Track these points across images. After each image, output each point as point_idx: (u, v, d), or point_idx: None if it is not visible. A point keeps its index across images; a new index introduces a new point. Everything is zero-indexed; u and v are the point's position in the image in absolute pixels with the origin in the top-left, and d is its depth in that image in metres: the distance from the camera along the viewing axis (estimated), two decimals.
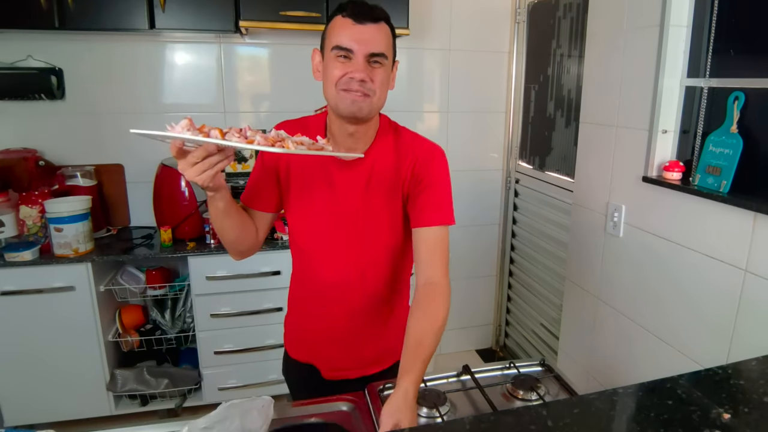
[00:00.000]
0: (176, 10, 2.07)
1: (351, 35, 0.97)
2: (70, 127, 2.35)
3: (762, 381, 0.91)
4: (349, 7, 0.98)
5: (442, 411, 1.00)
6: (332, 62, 0.99)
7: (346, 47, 0.97)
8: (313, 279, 1.18)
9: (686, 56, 1.61)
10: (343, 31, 0.97)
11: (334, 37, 0.98)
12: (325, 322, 1.20)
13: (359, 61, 0.97)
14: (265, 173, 1.15)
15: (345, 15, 0.98)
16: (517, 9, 2.66)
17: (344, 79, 0.98)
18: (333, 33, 0.99)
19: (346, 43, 0.97)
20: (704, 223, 1.47)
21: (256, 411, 0.87)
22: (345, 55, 0.98)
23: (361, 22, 0.97)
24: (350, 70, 0.97)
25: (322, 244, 1.13)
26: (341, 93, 0.99)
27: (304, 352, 1.28)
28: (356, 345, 1.21)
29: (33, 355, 2.09)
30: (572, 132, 2.27)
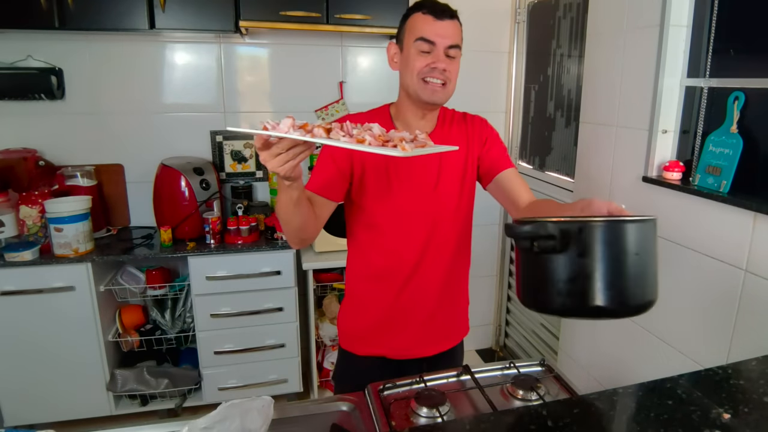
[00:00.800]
0: (176, 10, 2.07)
1: (433, 29, 1.10)
2: (70, 127, 2.35)
3: (762, 381, 0.91)
4: (428, 5, 1.11)
5: (442, 411, 1.00)
6: (416, 54, 1.12)
7: (430, 39, 1.10)
8: (393, 258, 1.24)
9: (686, 56, 1.61)
10: (425, 25, 1.10)
11: (417, 31, 1.11)
12: (402, 302, 1.26)
13: (440, 52, 1.11)
14: (339, 162, 1.18)
15: (425, 12, 1.11)
16: (517, 9, 2.66)
17: (426, 69, 1.11)
18: (415, 27, 1.12)
19: (429, 35, 1.10)
20: (704, 223, 1.47)
21: (256, 411, 0.87)
22: (427, 49, 1.11)
23: (441, 18, 1.10)
24: (432, 61, 1.11)
25: (403, 222, 1.21)
26: (421, 83, 1.13)
27: (375, 343, 1.30)
28: (428, 322, 1.29)
29: (33, 356, 2.09)
30: (572, 132, 2.27)
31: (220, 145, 2.51)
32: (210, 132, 2.50)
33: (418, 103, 1.17)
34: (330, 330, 2.43)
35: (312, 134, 0.84)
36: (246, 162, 2.56)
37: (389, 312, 1.28)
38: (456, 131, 1.26)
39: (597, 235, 0.69)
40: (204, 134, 2.49)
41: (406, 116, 1.21)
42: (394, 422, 0.98)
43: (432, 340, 1.32)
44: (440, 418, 0.98)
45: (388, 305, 1.27)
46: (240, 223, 2.22)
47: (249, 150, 2.56)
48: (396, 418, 0.99)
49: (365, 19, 2.19)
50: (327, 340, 2.45)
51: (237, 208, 2.33)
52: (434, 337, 1.32)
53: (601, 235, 0.69)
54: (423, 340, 1.31)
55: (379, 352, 1.31)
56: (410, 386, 1.11)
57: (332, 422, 1.00)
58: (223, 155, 2.53)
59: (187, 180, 2.21)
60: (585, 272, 0.70)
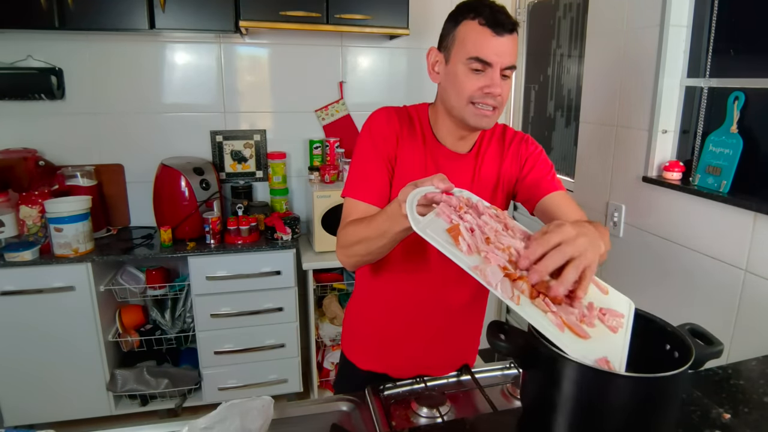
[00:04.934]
0: (176, 10, 2.07)
1: (491, 48, 0.92)
2: (70, 127, 2.35)
3: (762, 381, 0.91)
4: (487, 13, 0.92)
5: (442, 411, 1.00)
6: (466, 74, 0.95)
7: (487, 61, 0.92)
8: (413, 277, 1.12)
9: (686, 56, 1.61)
10: (483, 42, 0.92)
11: (471, 47, 0.93)
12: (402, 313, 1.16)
13: (496, 74, 0.94)
14: (385, 172, 1.05)
15: (483, 24, 0.92)
16: (517, 9, 2.66)
17: (479, 93, 0.95)
18: (468, 41, 0.93)
19: (486, 55, 0.92)
20: (704, 223, 1.47)
21: (256, 411, 0.87)
22: (481, 68, 0.94)
23: (501, 34, 0.92)
24: (486, 85, 0.94)
25: None
26: (470, 106, 0.97)
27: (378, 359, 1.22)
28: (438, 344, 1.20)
29: (33, 355, 2.09)
30: (572, 132, 2.27)
31: (220, 145, 2.51)
32: (210, 132, 2.50)
33: (460, 124, 1.02)
34: (330, 330, 2.43)
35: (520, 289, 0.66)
36: (246, 162, 2.56)
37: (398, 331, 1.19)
38: (492, 151, 1.11)
39: None
40: (204, 134, 2.49)
41: (443, 134, 1.06)
42: (394, 422, 0.98)
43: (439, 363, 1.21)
44: (440, 418, 0.98)
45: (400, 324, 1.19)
46: (240, 223, 2.22)
47: (249, 150, 2.56)
48: (396, 418, 0.99)
49: (365, 19, 2.19)
50: (327, 340, 2.45)
51: (237, 208, 2.33)
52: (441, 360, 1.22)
53: None
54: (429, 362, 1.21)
55: (382, 369, 1.23)
56: (410, 386, 1.11)
57: (332, 422, 1.00)
58: (223, 155, 2.53)
59: (187, 180, 2.21)
60: None
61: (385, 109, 1.07)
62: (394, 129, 1.04)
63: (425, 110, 1.10)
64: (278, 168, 2.49)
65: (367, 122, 1.07)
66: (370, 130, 1.05)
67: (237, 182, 2.55)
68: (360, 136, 1.07)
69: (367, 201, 1.02)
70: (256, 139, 2.55)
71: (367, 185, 1.03)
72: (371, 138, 1.04)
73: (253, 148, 2.56)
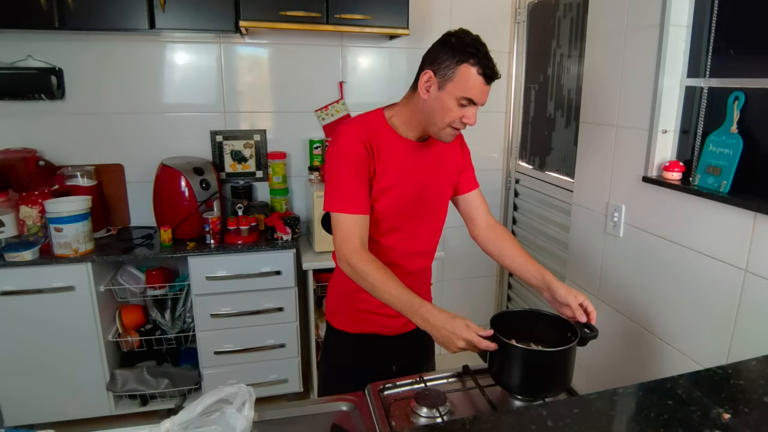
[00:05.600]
0: (176, 10, 2.07)
1: (481, 92, 1.16)
2: (70, 127, 2.35)
3: (762, 381, 0.91)
4: (484, 65, 1.14)
5: (442, 411, 1.00)
6: (454, 106, 1.16)
7: (475, 102, 1.16)
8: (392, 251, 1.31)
9: (686, 56, 1.61)
10: (477, 87, 1.14)
11: (467, 89, 1.14)
12: None
13: (475, 111, 1.18)
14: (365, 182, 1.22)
15: (480, 73, 1.13)
16: (517, 9, 2.66)
17: (458, 121, 1.18)
18: (466, 84, 1.14)
19: (476, 98, 1.16)
20: (704, 223, 1.47)
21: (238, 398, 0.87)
22: (467, 104, 1.16)
23: (489, 83, 1.16)
24: (466, 116, 1.17)
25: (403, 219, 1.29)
26: (448, 129, 1.19)
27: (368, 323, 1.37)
28: None
29: (33, 355, 2.09)
30: (572, 132, 2.27)
31: (220, 145, 2.51)
32: (210, 132, 2.50)
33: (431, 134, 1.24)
34: None
35: None
36: (246, 162, 2.56)
37: None
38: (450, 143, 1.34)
39: None
40: (204, 134, 2.49)
41: (414, 130, 1.26)
42: (394, 422, 0.98)
43: None
44: (440, 418, 0.98)
45: None
46: (240, 223, 2.22)
47: (249, 150, 2.56)
48: (396, 418, 0.99)
49: (365, 19, 2.19)
50: None
51: (237, 208, 2.33)
52: None
53: None
54: None
55: (373, 330, 1.38)
56: (410, 386, 1.11)
57: (332, 422, 1.00)
58: (223, 155, 2.53)
59: (187, 180, 2.21)
60: None
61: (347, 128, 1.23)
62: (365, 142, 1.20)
63: (381, 115, 1.28)
64: (278, 168, 2.49)
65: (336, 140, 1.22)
66: (343, 149, 1.20)
67: (237, 182, 2.55)
68: (332, 153, 1.22)
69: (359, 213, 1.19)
70: (256, 139, 2.55)
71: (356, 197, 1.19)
72: (345, 154, 1.19)
73: (253, 148, 2.56)
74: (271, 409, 1.04)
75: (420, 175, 1.28)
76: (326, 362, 1.48)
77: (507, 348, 1.01)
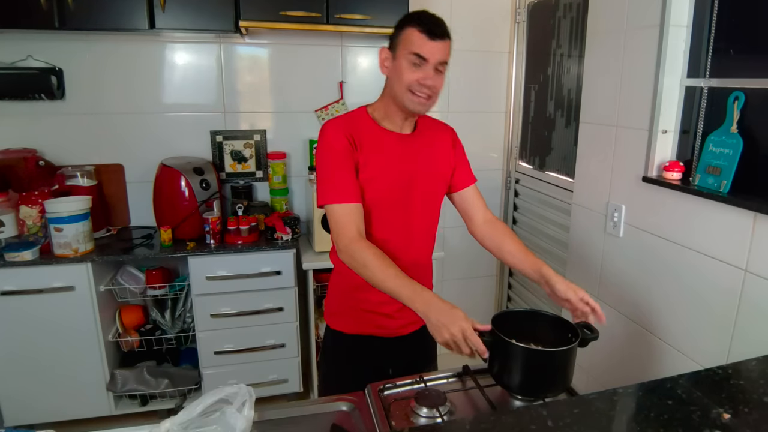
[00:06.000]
0: (176, 10, 2.07)
1: (427, 48, 1.17)
2: (70, 127, 2.35)
3: (762, 381, 0.91)
4: (424, 23, 1.18)
5: (442, 411, 1.00)
6: (407, 67, 1.19)
7: (423, 56, 1.18)
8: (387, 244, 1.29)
9: (686, 56, 1.61)
10: (421, 43, 1.17)
11: (412, 46, 1.18)
12: None
13: (430, 69, 1.19)
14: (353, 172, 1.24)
15: (422, 31, 1.17)
16: (517, 9, 2.66)
17: (416, 83, 1.19)
18: (410, 42, 1.18)
19: (423, 53, 1.18)
20: (704, 223, 1.47)
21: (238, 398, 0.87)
22: (419, 63, 1.18)
23: (434, 39, 1.18)
24: (422, 77, 1.19)
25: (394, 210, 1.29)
26: (409, 94, 1.21)
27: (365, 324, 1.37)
28: None
29: (33, 355, 2.09)
30: (572, 132, 2.27)
31: (220, 145, 2.51)
32: (210, 132, 2.50)
33: (402, 109, 1.25)
34: None
35: None
36: (246, 162, 2.56)
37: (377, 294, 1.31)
38: (438, 135, 1.38)
39: None
40: (204, 134, 2.49)
41: (393, 118, 1.29)
42: (394, 422, 0.98)
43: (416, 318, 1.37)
44: (440, 418, 0.98)
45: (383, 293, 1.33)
46: (240, 223, 2.22)
47: (249, 150, 2.56)
48: (396, 418, 0.99)
49: (365, 19, 2.19)
50: None
51: (237, 208, 2.33)
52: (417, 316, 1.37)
53: None
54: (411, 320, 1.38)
55: (369, 331, 1.37)
56: (410, 386, 1.11)
57: (332, 422, 1.00)
58: (223, 155, 2.53)
59: (187, 180, 2.21)
60: None
61: (330, 124, 1.26)
62: (347, 135, 1.23)
63: (364, 110, 1.32)
64: (278, 168, 2.49)
65: (321, 137, 1.25)
66: (328, 143, 1.24)
67: (237, 182, 2.55)
68: (318, 150, 1.26)
69: (351, 201, 1.21)
70: (256, 139, 2.55)
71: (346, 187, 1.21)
72: (333, 148, 1.22)
73: (253, 148, 2.56)
74: (271, 409, 1.04)
75: (406, 166, 1.29)
76: (325, 363, 1.49)
77: (508, 347, 1.02)
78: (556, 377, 1.03)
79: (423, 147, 1.33)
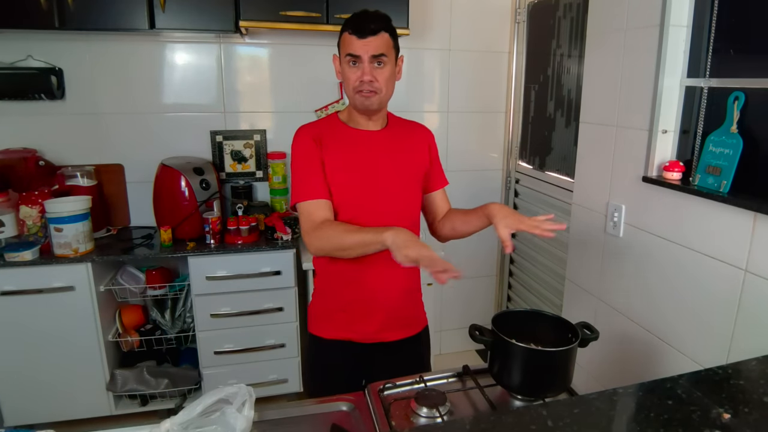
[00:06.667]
0: (176, 10, 2.06)
1: (357, 46, 1.22)
2: (70, 127, 2.35)
3: (762, 381, 0.91)
4: (352, 24, 1.23)
5: (442, 411, 1.00)
6: (347, 68, 1.26)
7: (355, 54, 1.23)
8: None
9: (686, 56, 1.61)
10: (351, 43, 1.23)
11: (345, 48, 1.25)
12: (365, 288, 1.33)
13: (365, 65, 1.23)
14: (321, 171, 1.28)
15: (351, 33, 1.23)
16: (517, 9, 2.66)
17: (357, 82, 1.24)
18: (344, 45, 1.26)
19: (354, 51, 1.23)
20: (704, 223, 1.47)
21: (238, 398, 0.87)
22: (354, 61, 1.24)
23: (363, 37, 1.22)
24: (360, 74, 1.23)
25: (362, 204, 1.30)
26: (356, 94, 1.26)
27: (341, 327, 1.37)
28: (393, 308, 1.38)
29: (33, 355, 2.09)
30: (572, 132, 2.27)
31: (220, 145, 2.51)
32: (210, 132, 2.50)
33: (357, 109, 1.30)
34: None
35: None
36: (246, 162, 2.56)
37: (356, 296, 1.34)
38: (414, 134, 1.41)
39: None
40: (204, 134, 2.49)
41: (357, 119, 1.34)
42: (394, 422, 0.98)
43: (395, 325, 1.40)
44: (440, 418, 0.98)
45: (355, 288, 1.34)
46: (240, 223, 2.22)
47: (249, 150, 2.56)
48: (396, 418, 0.99)
49: None
50: None
51: (237, 208, 2.33)
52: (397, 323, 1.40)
53: None
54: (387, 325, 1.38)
55: (346, 336, 1.37)
56: (410, 386, 1.11)
57: (332, 422, 1.00)
58: (223, 155, 2.53)
59: (187, 180, 2.21)
60: None
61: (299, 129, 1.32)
62: (313, 136, 1.29)
63: (335, 115, 1.37)
64: (278, 168, 2.49)
65: (293, 143, 1.31)
66: (295, 147, 1.30)
67: (237, 182, 2.55)
68: (291, 154, 1.31)
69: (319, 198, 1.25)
70: (256, 139, 2.55)
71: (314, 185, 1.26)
72: (300, 150, 1.28)
73: (253, 148, 2.56)
74: (271, 409, 1.04)
75: (371, 154, 1.31)
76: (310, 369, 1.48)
77: (508, 347, 1.02)
78: (556, 377, 1.04)
79: (392, 140, 1.35)
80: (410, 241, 1.06)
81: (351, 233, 1.17)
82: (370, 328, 1.36)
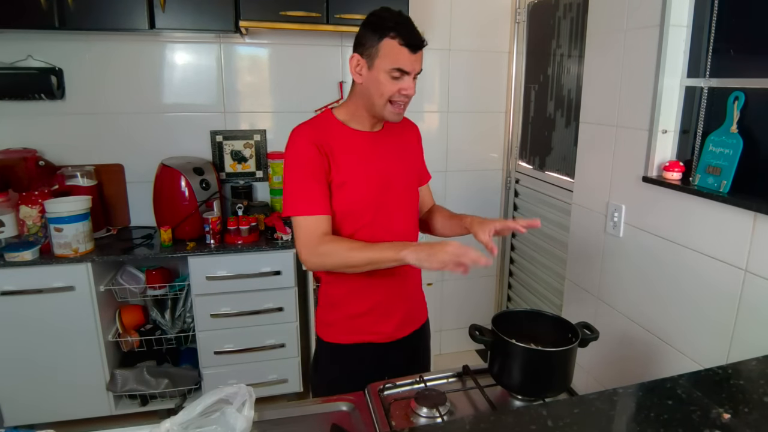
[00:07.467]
0: (176, 10, 2.07)
1: (409, 62, 1.16)
2: (70, 127, 2.35)
3: (762, 381, 0.91)
4: (405, 36, 1.15)
5: (442, 411, 1.00)
6: (387, 80, 1.17)
7: (406, 71, 1.17)
8: None
9: (686, 56, 1.61)
10: (402, 57, 1.15)
11: (393, 61, 1.15)
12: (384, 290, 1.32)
13: (411, 79, 1.19)
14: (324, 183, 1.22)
15: (402, 44, 1.14)
16: (517, 9, 2.66)
17: (397, 94, 1.19)
18: (391, 56, 1.15)
19: (405, 67, 1.16)
20: (704, 223, 1.47)
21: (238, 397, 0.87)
22: (399, 76, 1.17)
23: (415, 52, 1.16)
24: (403, 87, 1.18)
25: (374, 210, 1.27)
26: (389, 105, 1.20)
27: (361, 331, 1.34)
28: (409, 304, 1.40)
29: (33, 355, 2.09)
30: (572, 132, 2.27)
31: (220, 145, 2.51)
32: (210, 132, 2.50)
33: (376, 116, 1.26)
34: None
35: None
36: (246, 162, 2.56)
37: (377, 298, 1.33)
38: (406, 131, 1.40)
39: None
40: (204, 134, 2.49)
41: (361, 120, 1.28)
42: (394, 422, 0.98)
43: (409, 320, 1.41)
44: (440, 418, 0.98)
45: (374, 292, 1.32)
46: (240, 223, 2.22)
47: (249, 150, 2.56)
48: (396, 418, 0.99)
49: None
50: None
51: (237, 208, 2.33)
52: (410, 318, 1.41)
53: None
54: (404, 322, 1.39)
55: (367, 338, 1.35)
56: (410, 386, 1.11)
57: (332, 422, 1.00)
58: (223, 155, 2.53)
59: (187, 180, 2.21)
60: None
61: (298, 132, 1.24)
62: (315, 143, 1.21)
63: (330, 113, 1.30)
64: (278, 168, 2.49)
65: (290, 146, 1.23)
66: (296, 153, 1.21)
67: (237, 182, 2.55)
68: (286, 159, 1.24)
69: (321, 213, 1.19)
70: (256, 139, 2.55)
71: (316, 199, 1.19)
72: (301, 158, 1.20)
73: (253, 148, 2.56)
74: (271, 409, 1.04)
75: (381, 164, 1.28)
76: (318, 374, 1.41)
77: (508, 347, 1.02)
78: (556, 377, 1.04)
79: (394, 143, 1.33)
80: (434, 248, 1.06)
81: (358, 251, 1.14)
82: (390, 327, 1.35)
